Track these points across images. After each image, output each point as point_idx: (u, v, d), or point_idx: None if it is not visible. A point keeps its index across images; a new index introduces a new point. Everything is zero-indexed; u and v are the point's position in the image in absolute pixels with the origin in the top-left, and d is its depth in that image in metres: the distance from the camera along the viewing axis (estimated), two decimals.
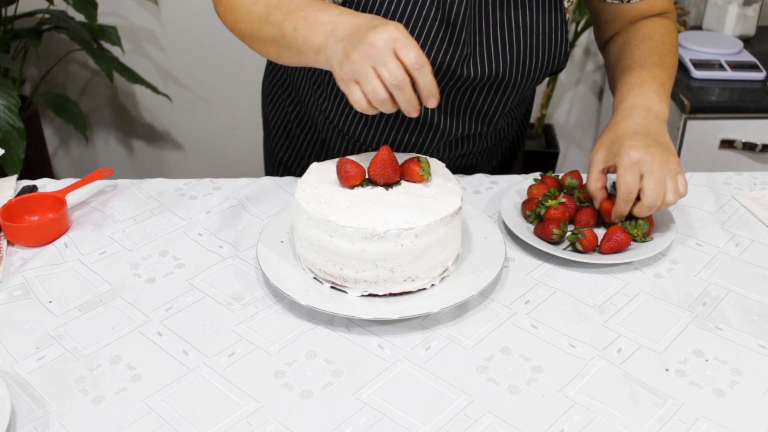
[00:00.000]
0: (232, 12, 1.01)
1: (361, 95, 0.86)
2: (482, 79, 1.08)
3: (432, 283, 0.92)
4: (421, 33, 1.03)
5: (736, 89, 1.92)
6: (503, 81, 1.09)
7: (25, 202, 1.06)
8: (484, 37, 1.06)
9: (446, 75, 1.06)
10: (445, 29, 1.03)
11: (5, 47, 2.25)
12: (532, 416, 0.77)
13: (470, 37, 1.05)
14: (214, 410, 0.77)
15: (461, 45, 1.04)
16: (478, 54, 1.06)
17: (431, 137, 1.16)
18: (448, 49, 1.04)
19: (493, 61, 1.06)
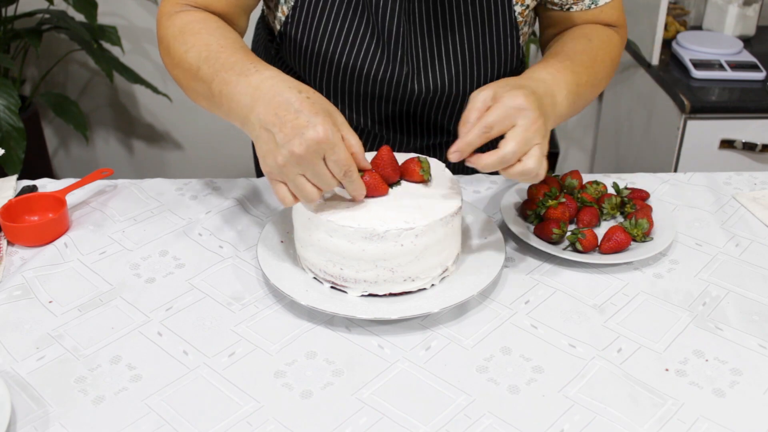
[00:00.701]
0: (168, 56, 0.96)
1: (288, 194, 0.84)
2: (428, 94, 1.06)
3: (432, 283, 0.92)
4: (359, 53, 1.02)
5: (736, 89, 1.92)
6: (452, 94, 1.07)
7: (25, 202, 1.06)
8: (426, 51, 1.04)
9: (390, 91, 1.06)
10: (382, 47, 1.02)
11: (5, 47, 2.25)
12: (532, 416, 0.77)
13: (409, 53, 1.03)
14: (214, 410, 0.77)
15: (398, 62, 1.03)
16: (422, 69, 1.05)
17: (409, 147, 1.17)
18: (387, 66, 1.03)
19: (437, 75, 1.05)
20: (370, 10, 1.00)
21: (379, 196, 0.91)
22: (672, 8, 2.26)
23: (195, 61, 0.91)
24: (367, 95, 1.08)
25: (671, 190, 1.18)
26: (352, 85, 1.06)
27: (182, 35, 0.94)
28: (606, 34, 1.08)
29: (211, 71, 0.89)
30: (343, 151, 0.81)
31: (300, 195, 0.83)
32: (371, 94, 1.08)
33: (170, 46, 0.95)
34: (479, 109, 0.85)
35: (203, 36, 0.92)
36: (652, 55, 2.06)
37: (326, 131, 0.79)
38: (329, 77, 1.07)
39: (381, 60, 1.02)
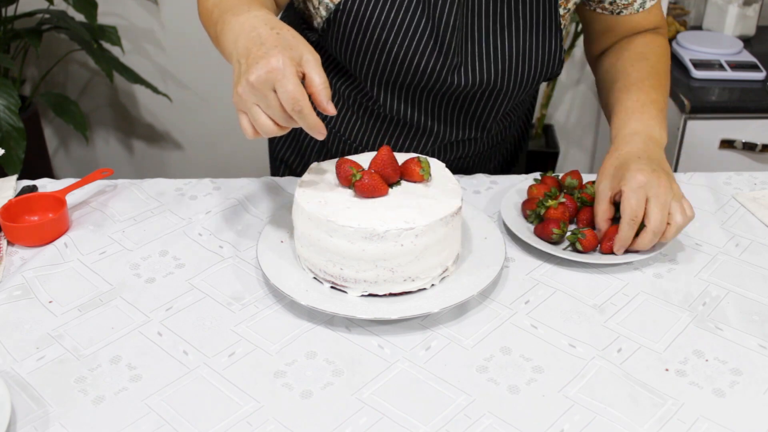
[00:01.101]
0: (199, 8, 1.02)
1: (248, 125, 0.85)
2: (473, 87, 1.08)
3: (432, 283, 0.92)
4: (411, 42, 1.03)
5: (736, 89, 1.92)
6: (495, 89, 1.09)
7: (25, 202, 1.06)
8: (476, 45, 1.06)
9: (437, 82, 1.07)
10: (435, 37, 1.03)
11: (5, 47, 2.25)
12: (532, 416, 0.77)
13: (460, 45, 1.05)
14: (214, 410, 0.77)
15: (451, 53, 1.04)
16: (469, 62, 1.06)
17: (425, 141, 1.17)
18: (438, 57, 1.04)
19: (485, 69, 1.06)
20: (428, 1, 1.02)
21: (379, 196, 0.91)
22: (672, 8, 2.26)
23: (211, 6, 0.96)
24: (411, 85, 1.09)
25: None
26: (399, 75, 1.07)
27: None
28: (657, 44, 1.15)
29: (217, 14, 0.93)
30: (292, 84, 0.80)
31: (256, 125, 0.84)
32: (416, 84, 1.08)
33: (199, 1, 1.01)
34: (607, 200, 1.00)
35: None
36: None
37: (277, 62, 0.80)
38: (377, 66, 1.08)
39: (432, 50, 1.04)
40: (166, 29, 2.47)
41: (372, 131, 1.17)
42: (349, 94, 1.16)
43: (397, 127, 1.16)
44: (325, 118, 1.19)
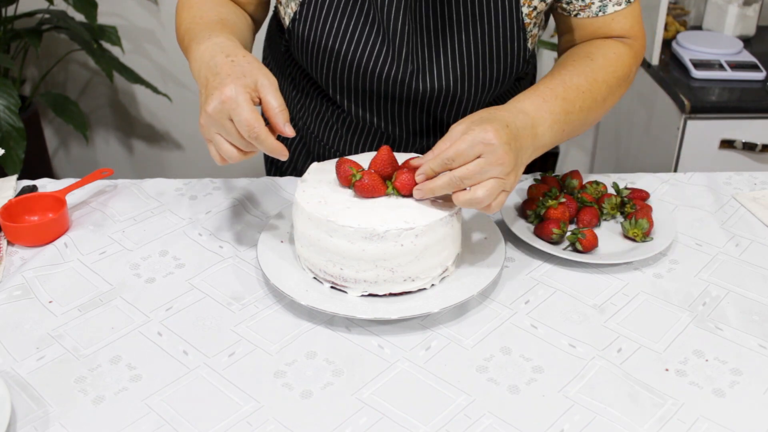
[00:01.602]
0: (176, 34, 1.05)
1: (215, 152, 0.89)
2: (434, 93, 1.06)
3: (432, 283, 0.92)
4: (364, 50, 1.03)
5: (736, 89, 1.92)
6: (457, 94, 1.07)
7: (25, 202, 1.06)
8: (432, 50, 1.04)
9: (396, 89, 1.06)
10: (387, 45, 1.02)
11: (5, 47, 2.25)
12: (532, 416, 0.77)
13: (414, 52, 1.03)
14: (214, 410, 0.77)
15: (403, 61, 1.03)
16: (427, 69, 1.05)
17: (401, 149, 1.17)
18: (392, 65, 1.04)
19: (443, 75, 1.05)
20: (376, 8, 1.00)
21: (379, 196, 0.91)
22: (672, 8, 2.26)
23: (183, 33, 1.00)
24: (374, 93, 1.08)
25: (671, 190, 1.18)
26: (358, 82, 1.07)
27: (182, 8, 1.05)
28: (613, 51, 1.03)
29: (187, 41, 0.97)
30: (245, 112, 0.82)
31: (221, 153, 0.87)
32: (377, 92, 1.08)
33: (176, 19, 1.05)
34: (452, 139, 0.86)
35: (193, 10, 1.02)
36: (652, 55, 2.06)
37: (229, 92, 0.83)
38: (335, 74, 1.07)
39: (386, 58, 1.03)
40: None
41: (347, 138, 1.17)
42: (322, 101, 1.17)
43: (369, 134, 1.16)
44: (327, 136, 1.19)
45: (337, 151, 1.20)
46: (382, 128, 1.14)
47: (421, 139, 1.16)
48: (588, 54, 1.03)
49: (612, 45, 1.05)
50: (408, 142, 1.17)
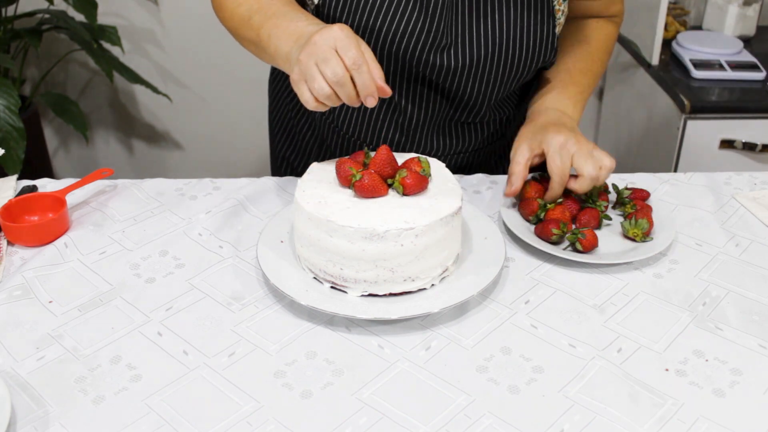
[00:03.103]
0: (221, 11, 1.08)
1: (309, 94, 0.89)
2: (463, 68, 1.07)
3: (432, 283, 0.92)
4: (399, 23, 1.03)
5: (736, 89, 1.92)
6: (485, 71, 1.09)
7: (25, 202, 1.06)
8: (466, 26, 1.06)
9: (427, 64, 1.06)
10: (424, 18, 1.03)
11: (5, 47, 2.25)
12: (532, 416, 0.77)
13: (449, 26, 1.05)
14: (214, 410, 0.77)
15: (440, 34, 1.04)
16: (460, 43, 1.06)
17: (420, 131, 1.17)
18: (426, 38, 1.04)
19: (474, 50, 1.06)
20: None
21: (379, 196, 0.91)
22: (672, 8, 2.26)
23: (246, 12, 1.02)
24: (404, 69, 1.08)
25: (671, 190, 1.18)
26: (390, 59, 1.07)
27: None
28: (604, 31, 1.23)
29: (261, 19, 0.99)
30: (355, 47, 0.87)
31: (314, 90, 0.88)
32: (408, 67, 1.08)
33: (222, 3, 1.07)
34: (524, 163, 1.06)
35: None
36: (652, 55, 2.06)
37: (341, 30, 0.88)
38: None
39: (421, 31, 1.04)
40: (166, 29, 2.47)
41: (367, 123, 1.17)
42: None
43: (393, 120, 1.16)
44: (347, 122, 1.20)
45: (357, 139, 1.19)
46: (401, 109, 1.14)
47: (442, 113, 1.15)
48: (584, 39, 1.21)
49: (603, 26, 1.23)
50: (423, 126, 1.16)
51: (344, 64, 0.86)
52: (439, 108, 1.14)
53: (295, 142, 1.30)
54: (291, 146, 1.31)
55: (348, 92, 0.88)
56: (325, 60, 0.86)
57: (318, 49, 0.87)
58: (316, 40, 0.87)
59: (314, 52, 0.87)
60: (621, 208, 1.10)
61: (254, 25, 1.00)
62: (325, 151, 1.25)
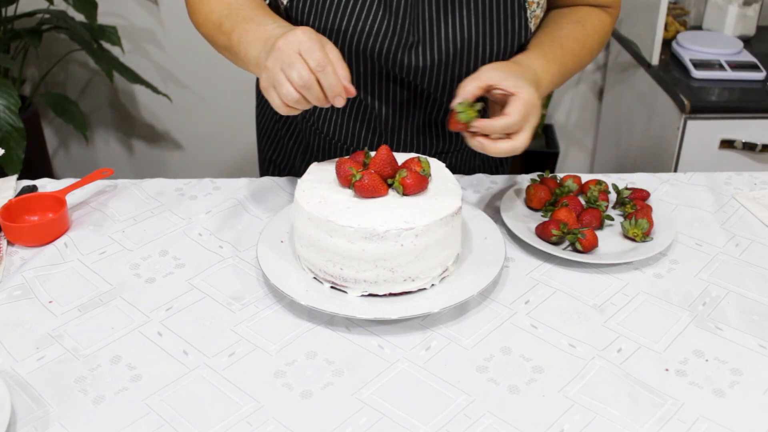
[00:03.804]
0: (195, 16, 1.08)
1: (279, 100, 0.90)
2: (432, 66, 1.06)
3: (432, 283, 0.92)
4: (365, 22, 1.03)
5: (736, 89, 1.92)
6: (454, 68, 1.07)
7: (25, 202, 1.06)
8: (434, 23, 1.05)
9: (395, 63, 1.06)
10: (389, 17, 1.03)
11: (5, 47, 2.25)
12: (532, 416, 0.77)
13: (415, 24, 1.04)
14: (214, 410, 0.77)
15: (406, 32, 1.04)
16: (428, 41, 1.05)
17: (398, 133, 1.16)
18: (393, 37, 1.04)
19: (443, 48, 1.05)
20: None
21: (379, 196, 0.91)
22: (672, 8, 2.26)
23: (218, 18, 1.02)
24: (375, 69, 1.08)
25: (671, 190, 1.18)
26: (359, 59, 1.07)
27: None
28: (599, 19, 1.15)
29: (231, 24, 1.00)
30: (318, 49, 0.88)
31: (282, 95, 0.89)
32: (378, 67, 1.08)
33: (196, 8, 1.07)
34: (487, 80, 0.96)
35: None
36: (652, 55, 2.06)
37: (304, 34, 0.89)
38: None
39: (387, 30, 1.03)
40: (166, 29, 2.47)
41: (345, 125, 1.17)
42: None
43: (372, 118, 1.15)
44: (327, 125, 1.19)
45: (338, 142, 1.19)
46: (377, 110, 1.13)
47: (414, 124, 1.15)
48: (579, 20, 1.13)
49: (598, 14, 1.15)
50: (401, 126, 1.16)
51: (309, 67, 0.87)
52: (414, 107, 1.13)
53: (280, 146, 1.30)
54: (276, 149, 1.31)
55: (315, 94, 0.89)
56: (291, 65, 0.87)
57: (283, 54, 0.88)
58: (280, 46, 0.88)
59: (279, 58, 0.88)
60: (621, 208, 1.10)
61: (226, 31, 1.01)
62: (309, 154, 1.25)
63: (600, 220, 1.05)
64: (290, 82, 0.88)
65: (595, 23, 1.13)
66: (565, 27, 1.11)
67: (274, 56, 0.89)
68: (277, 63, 0.88)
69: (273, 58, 0.89)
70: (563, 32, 1.10)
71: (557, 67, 1.06)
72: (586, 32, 1.12)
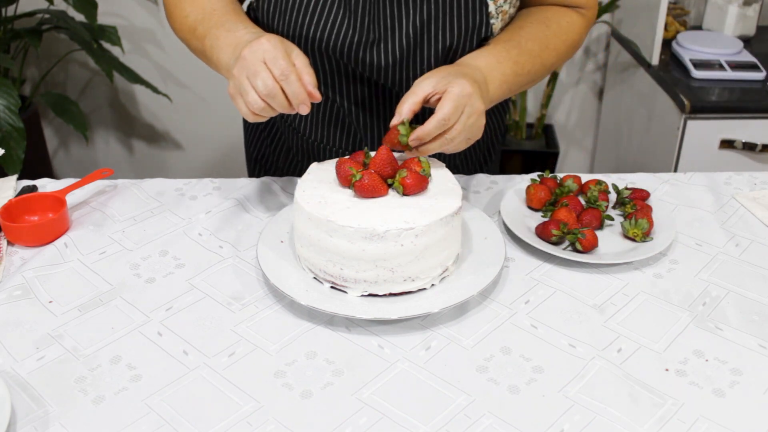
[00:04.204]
0: (171, 20, 1.10)
1: (246, 108, 0.91)
2: (394, 62, 1.06)
3: (432, 283, 0.92)
4: (326, 21, 1.04)
5: (736, 89, 1.92)
6: (416, 62, 1.06)
7: (25, 202, 1.06)
8: (395, 20, 1.04)
9: (357, 61, 1.06)
10: (348, 15, 1.03)
11: (5, 47, 2.25)
12: (532, 416, 0.77)
13: (375, 21, 1.04)
14: (214, 410, 0.77)
15: (366, 30, 1.04)
16: (389, 37, 1.04)
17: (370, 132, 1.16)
18: (353, 35, 1.04)
19: (404, 42, 1.04)
20: None
21: (379, 196, 0.91)
22: (672, 8, 2.26)
23: (192, 23, 1.04)
24: (339, 68, 1.08)
25: (671, 190, 1.18)
26: (323, 59, 1.07)
27: (180, 2, 1.07)
28: (567, 19, 1.10)
29: (205, 30, 1.01)
30: (280, 55, 0.89)
31: (248, 103, 0.90)
32: (342, 66, 1.07)
33: (172, 12, 1.09)
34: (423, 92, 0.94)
35: (198, 1, 1.05)
36: (652, 55, 2.06)
37: (268, 42, 0.90)
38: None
39: (348, 29, 1.04)
40: (166, 29, 2.47)
41: (321, 125, 1.17)
42: None
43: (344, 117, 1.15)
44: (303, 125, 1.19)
45: (315, 141, 1.19)
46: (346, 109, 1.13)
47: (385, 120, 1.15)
48: (544, 20, 1.08)
49: (566, 14, 1.11)
50: (372, 124, 1.15)
51: (273, 76, 0.88)
52: (381, 104, 1.13)
53: (264, 146, 1.30)
54: (260, 149, 1.31)
55: (280, 102, 0.90)
56: (255, 74, 0.89)
57: (248, 63, 0.89)
58: (245, 55, 0.90)
59: (245, 66, 0.89)
60: (621, 208, 1.10)
61: (199, 36, 1.02)
62: (291, 154, 1.25)
63: (600, 220, 1.05)
64: (255, 90, 0.89)
65: (561, 23, 1.09)
66: (527, 27, 1.07)
67: (240, 65, 0.90)
68: (242, 71, 0.90)
69: (239, 67, 0.90)
70: (524, 32, 1.06)
71: (511, 66, 1.02)
72: (549, 32, 1.07)
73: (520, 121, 2.49)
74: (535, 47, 1.05)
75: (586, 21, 1.12)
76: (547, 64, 1.07)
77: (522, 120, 2.49)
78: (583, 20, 1.12)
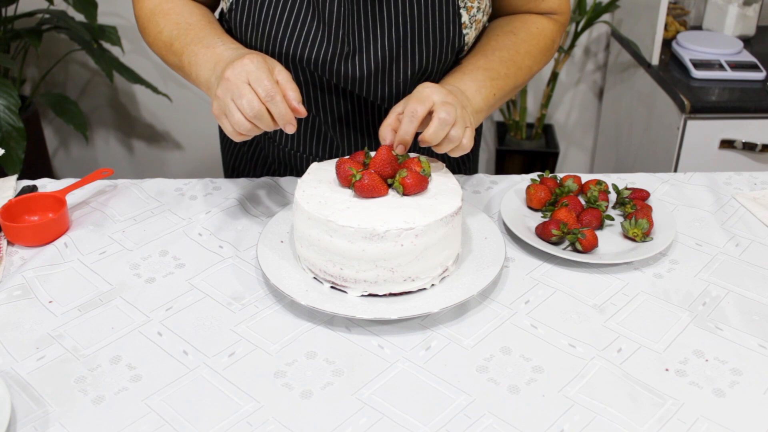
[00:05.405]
0: (145, 35, 1.10)
1: (231, 128, 0.91)
2: (369, 74, 1.06)
3: (432, 283, 0.92)
4: (300, 33, 1.03)
5: (736, 89, 1.92)
6: (391, 74, 1.07)
7: (25, 202, 1.06)
8: (370, 32, 1.04)
9: (332, 72, 1.06)
10: (323, 29, 1.03)
11: (5, 47, 2.25)
12: (532, 416, 0.77)
13: (350, 33, 1.04)
14: (214, 410, 0.77)
15: (340, 42, 1.03)
16: (364, 49, 1.04)
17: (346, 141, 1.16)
18: (328, 47, 1.04)
19: (379, 54, 1.04)
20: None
21: (379, 196, 0.91)
22: (672, 8, 2.26)
23: (168, 38, 1.04)
24: (314, 80, 1.08)
25: (671, 190, 1.18)
26: (297, 70, 1.07)
27: (154, 17, 1.08)
28: (536, 25, 1.12)
29: (181, 46, 1.02)
30: (264, 75, 0.89)
31: (233, 123, 0.90)
32: (317, 78, 1.07)
33: (146, 27, 1.09)
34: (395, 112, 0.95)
35: (172, 17, 1.06)
36: (652, 55, 2.06)
37: (252, 62, 0.90)
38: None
39: (322, 41, 1.03)
40: None
41: (298, 136, 1.17)
42: None
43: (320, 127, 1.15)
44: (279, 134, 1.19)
45: (291, 149, 1.19)
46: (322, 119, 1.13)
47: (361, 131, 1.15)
48: (511, 30, 1.11)
49: (535, 20, 1.12)
50: (349, 135, 1.15)
51: (259, 97, 0.88)
52: (357, 116, 1.13)
53: (240, 154, 1.29)
54: (237, 157, 1.30)
55: (266, 122, 0.90)
56: (240, 95, 0.88)
57: (232, 84, 0.89)
58: (229, 76, 0.89)
59: (229, 88, 0.89)
60: (621, 208, 1.10)
61: (176, 51, 1.02)
62: (269, 164, 1.25)
63: (600, 220, 1.05)
64: (241, 112, 0.89)
65: (530, 29, 1.11)
66: (493, 39, 1.10)
67: (224, 86, 0.90)
68: (227, 93, 0.89)
69: (223, 88, 0.90)
70: (490, 44, 1.09)
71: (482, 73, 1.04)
72: (518, 38, 1.09)
73: (520, 121, 2.49)
74: (504, 54, 1.07)
75: (559, 25, 1.14)
76: (523, 66, 1.08)
77: (522, 120, 2.49)
78: (555, 25, 1.14)
